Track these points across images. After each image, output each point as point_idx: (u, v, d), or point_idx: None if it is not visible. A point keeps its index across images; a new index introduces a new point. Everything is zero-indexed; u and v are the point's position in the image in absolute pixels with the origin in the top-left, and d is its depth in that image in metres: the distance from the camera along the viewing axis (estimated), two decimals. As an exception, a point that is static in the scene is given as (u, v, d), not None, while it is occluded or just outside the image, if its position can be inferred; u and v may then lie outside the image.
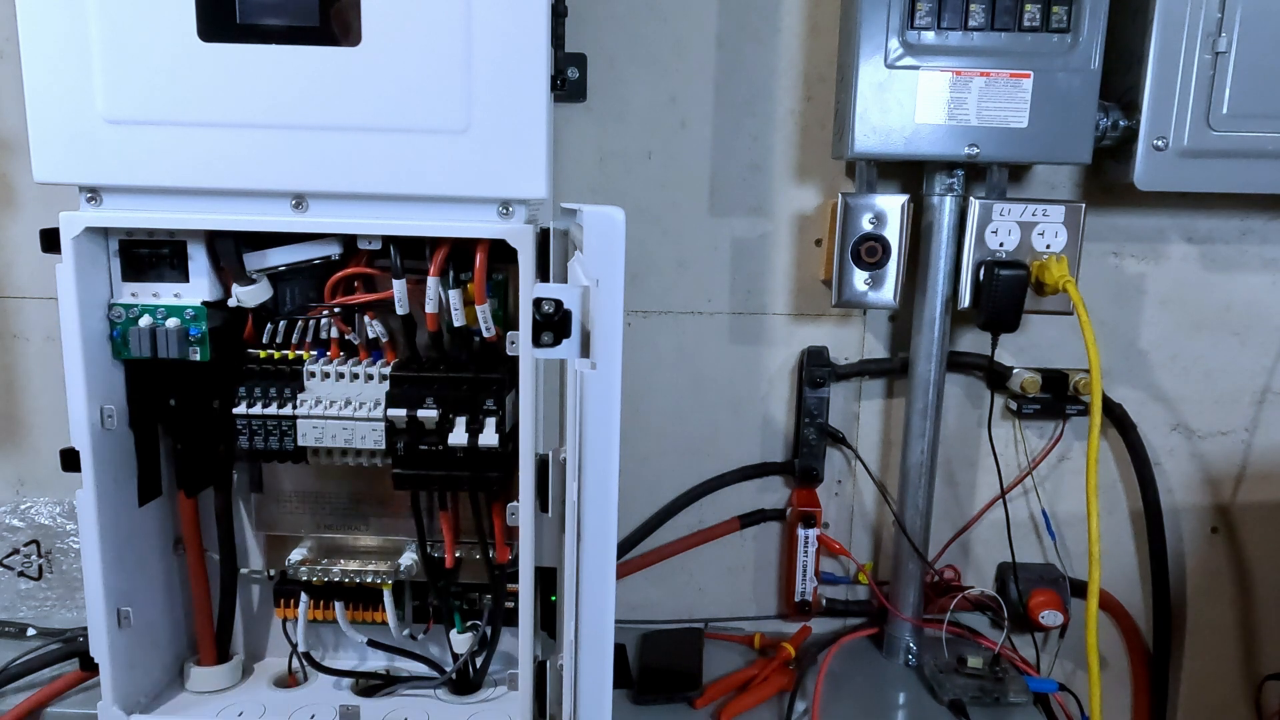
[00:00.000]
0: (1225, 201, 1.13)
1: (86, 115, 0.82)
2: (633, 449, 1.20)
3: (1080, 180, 1.13)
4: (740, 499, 1.23)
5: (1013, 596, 1.18)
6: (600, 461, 0.58)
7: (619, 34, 1.10)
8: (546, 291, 0.60)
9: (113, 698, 0.93)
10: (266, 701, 1.00)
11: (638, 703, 1.07)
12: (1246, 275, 1.16)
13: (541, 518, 0.89)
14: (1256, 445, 1.21)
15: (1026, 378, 1.15)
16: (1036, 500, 1.22)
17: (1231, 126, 1.00)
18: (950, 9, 0.97)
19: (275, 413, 0.92)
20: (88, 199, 0.86)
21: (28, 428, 1.19)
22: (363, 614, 1.02)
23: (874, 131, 1.00)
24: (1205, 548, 1.24)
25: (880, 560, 1.24)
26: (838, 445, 1.21)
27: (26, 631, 1.12)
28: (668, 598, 1.25)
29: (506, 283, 0.95)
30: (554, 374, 0.99)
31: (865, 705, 1.08)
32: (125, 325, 0.91)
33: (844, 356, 1.19)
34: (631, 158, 1.13)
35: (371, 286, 0.96)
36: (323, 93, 0.82)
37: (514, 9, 0.81)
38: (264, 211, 0.86)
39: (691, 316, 1.18)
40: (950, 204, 1.06)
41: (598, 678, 0.61)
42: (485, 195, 0.85)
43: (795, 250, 1.16)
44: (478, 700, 1.01)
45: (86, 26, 0.81)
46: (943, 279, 1.07)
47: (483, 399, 0.91)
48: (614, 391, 0.58)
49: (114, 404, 0.90)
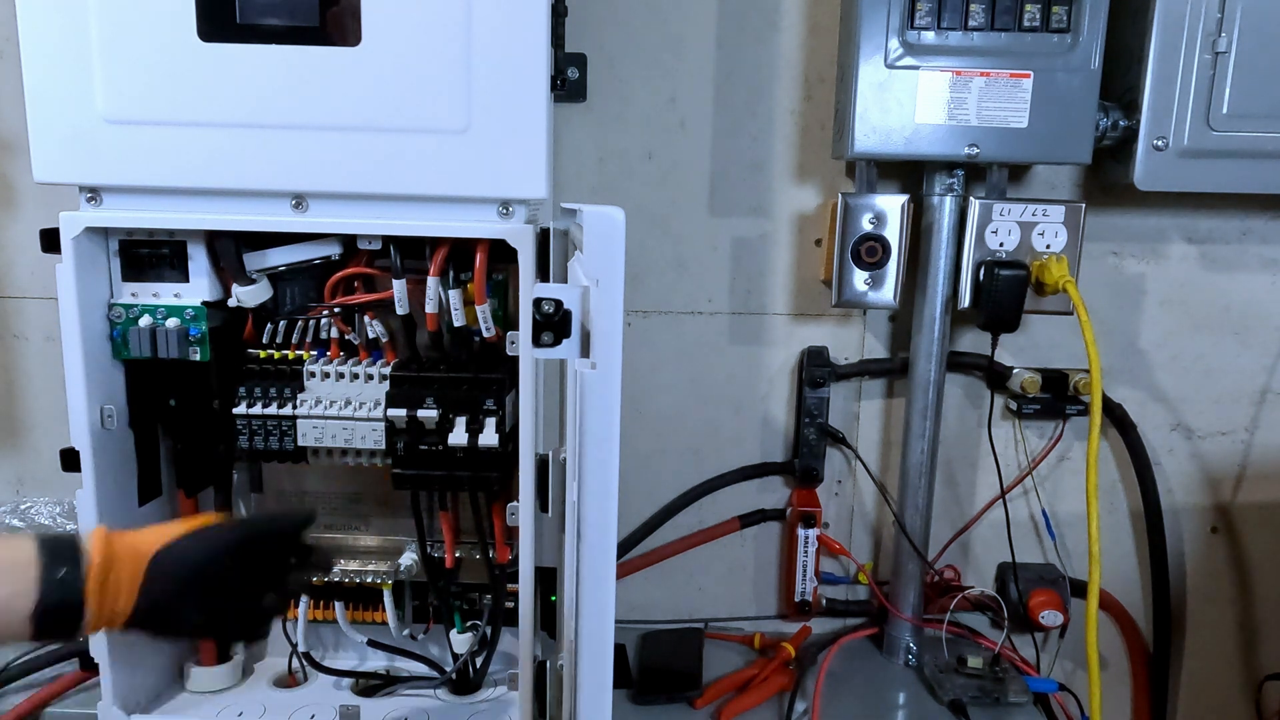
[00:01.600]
0: (1225, 201, 1.13)
1: (86, 115, 0.82)
2: (633, 449, 1.20)
3: (1080, 180, 1.13)
4: (740, 499, 1.23)
5: (1013, 596, 1.18)
6: (600, 461, 0.58)
7: (619, 34, 1.10)
8: (546, 291, 0.60)
9: (113, 698, 0.93)
10: (266, 701, 1.00)
11: (638, 703, 1.07)
12: (1246, 275, 1.16)
13: (541, 518, 0.89)
14: (1256, 445, 1.21)
15: (1026, 378, 1.15)
16: (1036, 500, 1.22)
17: (1231, 126, 1.00)
18: (950, 9, 0.97)
19: (275, 413, 0.92)
20: (88, 199, 0.86)
21: (28, 428, 1.19)
22: (363, 614, 1.02)
23: (874, 131, 1.00)
24: (1205, 548, 1.24)
25: (880, 560, 1.24)
26: (838, 445, 1.21)
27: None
28: (668, 598, 1.25)
29: (506, 283, 0.95)
30: (554, 374, 0.99)
31: (865, 705, 1.08)
32: (125, 325, 0.91)
33: (844, 356, 1.19)
34: (631, 158, 1.13)
35: (371, 286, 0.96)
36: (323, 93, 0.82)
37: (514, 9, 0.81)
38: (264, 211, 0.86)
39: (691, 316, 1.18)
40: (950, 204, 1.06)
41: (598, 678, 0.61)
42: (485, 195, 0.85)
43: (795, 250, 1.16)
44: (478, 700, 1.01)
45: (86, 26, 0.81)
46: (943, 279, 1.07)
47: (483, 399, 0.91)
48: (614, 391, 0.58)
49: (114, 404, 0.90)
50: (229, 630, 0.79)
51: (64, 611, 0.63)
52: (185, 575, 0.67)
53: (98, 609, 0.64)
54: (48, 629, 0.63)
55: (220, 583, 0.69)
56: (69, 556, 0.63)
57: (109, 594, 0.64)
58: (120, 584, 0.64)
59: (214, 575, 0.69)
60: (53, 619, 0.62)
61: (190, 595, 0.68)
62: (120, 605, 0.65)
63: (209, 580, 0.69)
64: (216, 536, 0.70)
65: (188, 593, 0.68)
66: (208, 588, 0.69)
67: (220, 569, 0.69)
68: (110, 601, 0.64)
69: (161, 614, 0.67)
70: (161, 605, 0.66)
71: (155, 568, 0.66)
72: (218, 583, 0.69)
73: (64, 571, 0.63)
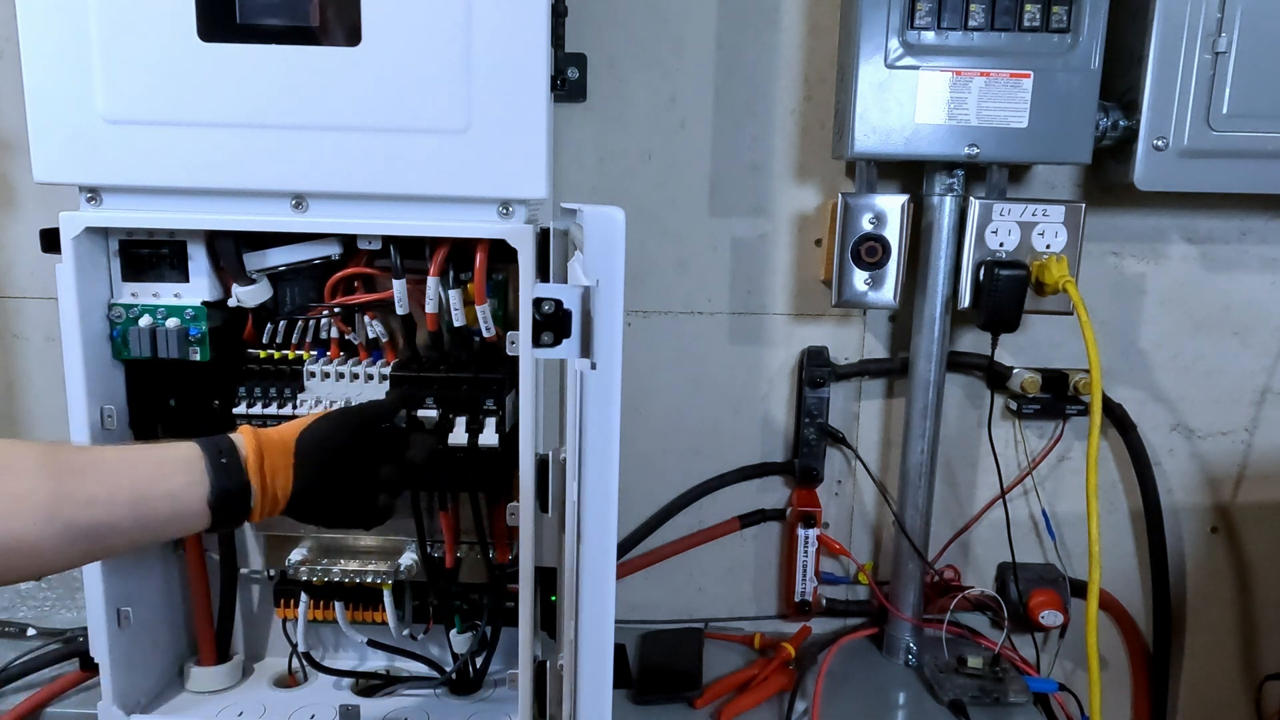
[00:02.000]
0: (1225, 201, 1.13)
1: (86, 115, 0.82)
2: (633, 449, 1.20)
3: (1080, 180, 1.13)
4: (740, 499, 1.23)
5: (1013, 596, 1.18)
6: (600, 461, 0.58)
7: (619, 34, 1.10)
8: (546, 291, 0.60)
9: (113, 698, 0.93)
10: (266, 701, 1.00)
11: (638, 703, 1.07)
12: (1246, 275, 1.16)
13: (541, 518, 0.89)
14: (1256, 445, 1.21)
15: (1026, 378, 1.15)
16: (1036, 500, 1.22)
17: (1231, 126, 1.00)
18: (950, 9, 0.97)
19: (275, 413, 0.92)
20: (88, 199, 0.86)
21: (28, 428, 1.19)
22: (363, 614, 1.02)
23: (874, 131, 1.00)
24: (1205, 548, 1.24)
25: (880, 560, 1.24)
26: (838, 445, 1.21)
27: (26, 631, 1.12)
28: (668, 598, 1.25)
29: (506, 283, 0.95)
30: (554, 374, 0.99)
31: (865, 705, 1.08)
32: (125, 325, 0.90)
33: (844, 356, 1.19)
34: (631, 158, 1.13)
35: (371, 286, 0.96)
36: (323, 93, 0.82)
37: (514, 9, 0.81)
38: (264, 211, 0.86)
39: (691, 316, 1.18)
40: (950, 204, 1.06)
41: (598, 678, 0.61)
42: (485, 195, 0.85)
43: (795, 250, 1.16)
44: (478, 700, 1.01)
45: (86, 26, 0.81)
46: (943, 279, 1.07)
47: (483, 399, 0.91)
48: (614, 391, 0.58)
49: (114, 404, 0.90)
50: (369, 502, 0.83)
51: (235, 496, 0.69)
52: (325, 454, 0.75)
53: (260, 492, 0.71)
54: (223, 515, 0.69)
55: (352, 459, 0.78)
56: (228, 448, 0.70)
57: (268, 477, 0.71)
58: (276, 468, 0.72)
59: (346, 452, 0.78)
60: (227, 504, 0.69)
61: (333, 473, 0.76)
62: (280, 486, 0.72)
63: (343, 457, 0.77)
64: (344, 416, 0.80)
65: (331, 470, 0.76)
66: (342, 464, 0.77)
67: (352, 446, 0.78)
68: (270, 484, 0.71)
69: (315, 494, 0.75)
70: (311, 485, 0.74)
71: (301, 448, 0.74)
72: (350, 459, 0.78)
73: (226, 460, 0.69)
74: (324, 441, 0.75)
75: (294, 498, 0.73)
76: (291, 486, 0.73)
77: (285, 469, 0.72)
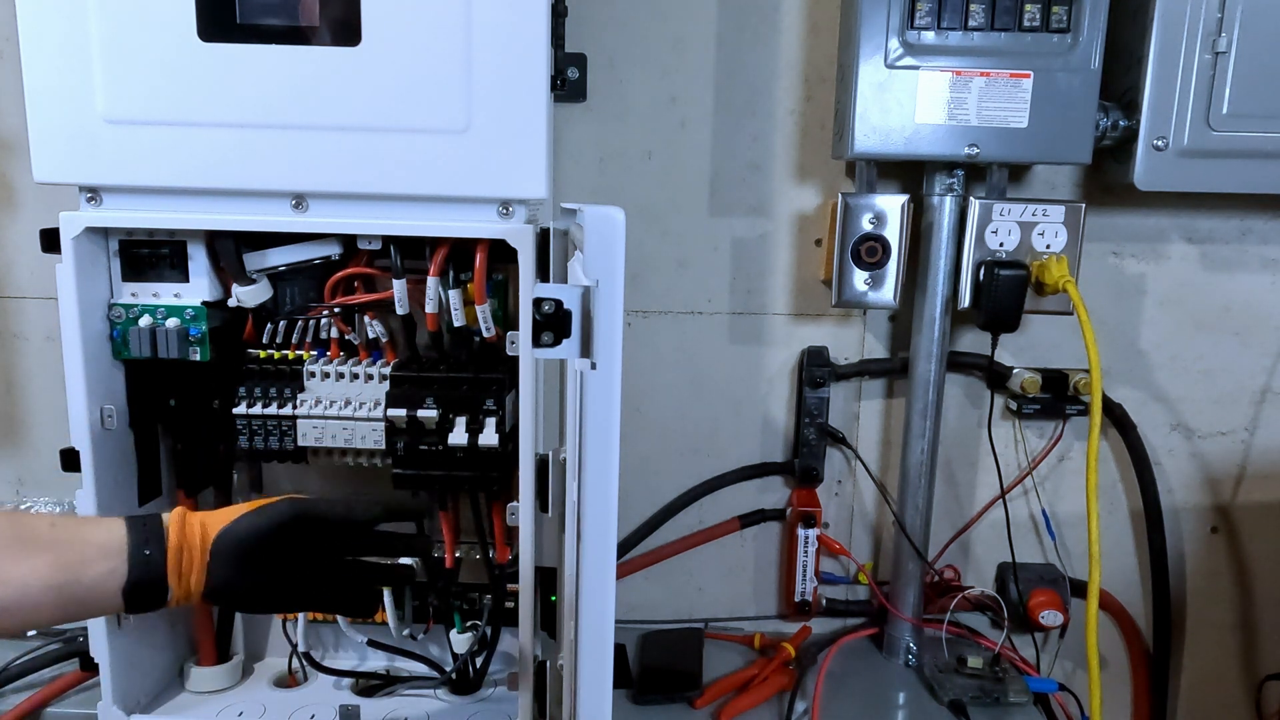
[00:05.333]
0: (1225, 201, 1.13)
1: (86, 115, 0.82)
2: (633, 449, 1.20)
3: (1080, 180, 1.13)
4: (740, 499, 1.23)
5: (1013, 596, 1.18)
6: (600, 461, 0.58)
7: (619, 34, 1.10)
8: (546, 291, 0.60)
9: (113, 698, 0.93)
10: (266, 701, 1.00)
11: (638, 703, 1.07)
12: (1246, 275, 1.16)
13: (541, 518, 0.89)
14: (1256, 445, 1.21)
15: (1026, 378, 1.15)
16: (1036, 500, 1.22)
17: (1231, 126, 1.00)
18: (950, 9, 0.97)
19: (275, 413, 0.92)
20: (88, 199, 0.86)
21: (28, 428, 1.19)
22: (363, 614, 1.02)
23: (874, 131, 1.00)
24: (1205, 548, 1.24)
25: (880, 560, 1.24)
26: (838, 445, 1.21)
27: (26, 631, 1.12)
28: (668, 598, 1.25)
29: (506, 283, 0.95)
30: (554, 374, 0.99)
31: (865, 705, 1.08)
32: (125, 325, 0.91)
33: (844, 356, 1.19)
34: (631, 158, 1.13)
35: (371, 286, 0.96)
36: (323, 93, 0.82)
37: (514, 9, 0.81)
38: (264, 211, 0.86)
39: (691, 316, 1.18)
40: (950, 204, 1.06)
41: (598, 678, 0.61)
42: (485, 195, 0.85)
43: (795, 250, 1.16)
44: (478, 700, 1.01)
45: (86, 26, 0.81)
46: (943, 279, 1.07)
47: (483, 399, 0.91)
48: (614, 391, 0.58)
49: (114, 404, 0.90)
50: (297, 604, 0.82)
51: (150, 588, 0.69)
52: (240, 554, 0.72)
53: (176, 587, 0.70)
54: (138, 603, 0.69)
55: (270, 560, 0.73)
56: (155, 536, 0.70)
57: (183, 574, 0.70)
58: (192, 565, 0.70)
59: (263, 552, 0.73)
60: (141, 594, 0.69)
61: (247, 572, 0.72)
62: (193, 584, 0.71)
63: (259, 558, 0.73)
64: (270, 513, 0.74)
65: (245, 570, 0.72)
66: (258, 565, 0.73)
67: (269, 546, 0.73)
68: (185, 581, 0.70)
69: (228, 591, 0.72)
70: (225, 583, 0.71)
71: (216, 548, 0.71)
72: (267, 560, 0.73)
73: (150, 552, 0.69)
74: (241, 542, 0.72)
75: (206, 595, 0.71)
76: (203, 585, 0.71)
77: (200, 568, 0.70)
